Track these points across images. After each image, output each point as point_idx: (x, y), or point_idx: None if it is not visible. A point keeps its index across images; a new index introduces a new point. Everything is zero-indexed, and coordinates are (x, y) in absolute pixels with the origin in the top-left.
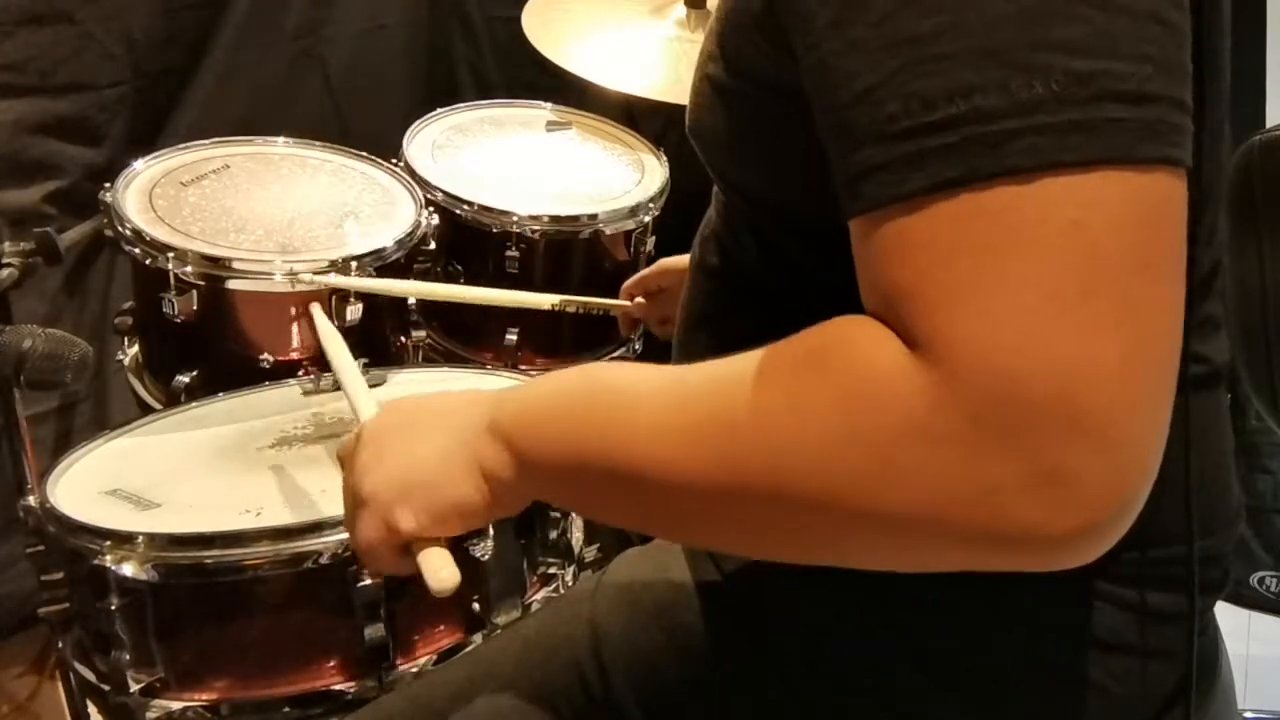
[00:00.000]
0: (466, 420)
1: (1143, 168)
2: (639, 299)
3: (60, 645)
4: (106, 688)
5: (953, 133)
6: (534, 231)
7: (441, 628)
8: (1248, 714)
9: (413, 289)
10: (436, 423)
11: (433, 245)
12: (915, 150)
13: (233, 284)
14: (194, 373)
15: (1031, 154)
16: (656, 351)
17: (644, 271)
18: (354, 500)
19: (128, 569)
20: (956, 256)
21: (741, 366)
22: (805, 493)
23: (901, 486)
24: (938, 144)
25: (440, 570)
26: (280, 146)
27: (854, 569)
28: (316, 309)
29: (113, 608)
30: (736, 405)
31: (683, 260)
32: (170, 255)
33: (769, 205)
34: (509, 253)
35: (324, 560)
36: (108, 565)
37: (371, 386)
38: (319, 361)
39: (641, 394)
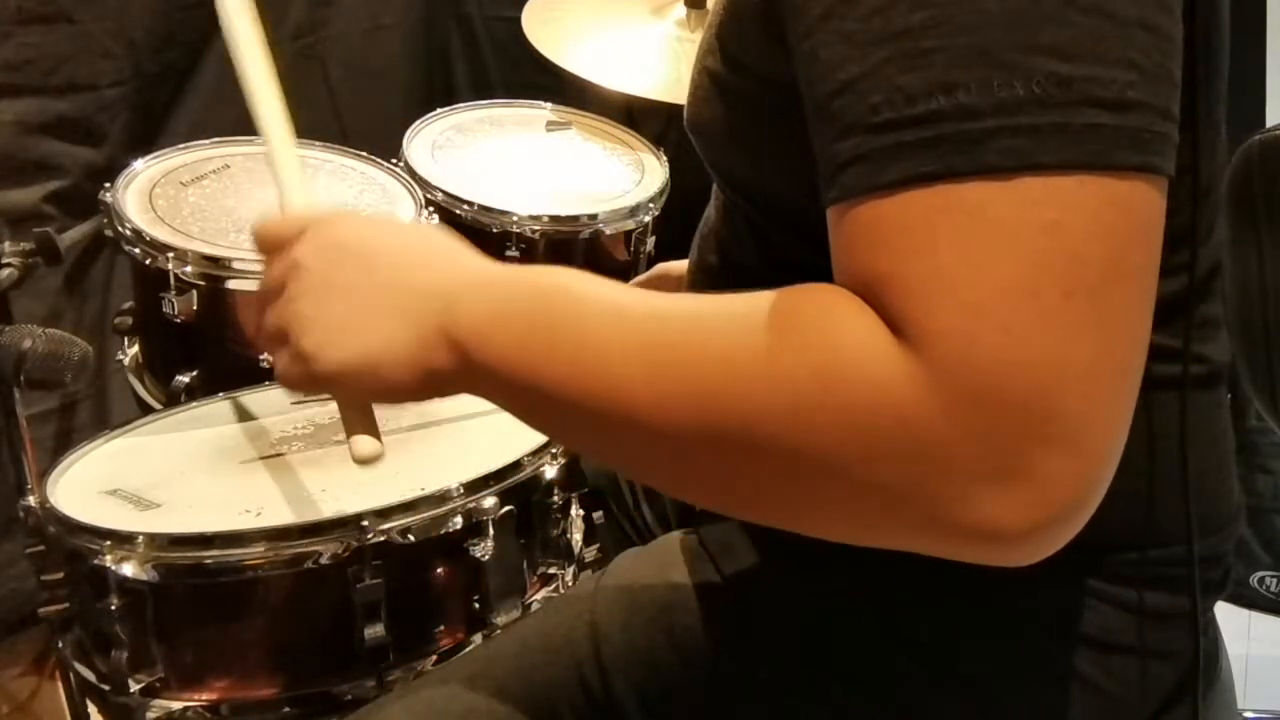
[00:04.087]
0: (421, 310)
1: (1121, 174)
2: None
3: (60, 645)
4: (106, 688)
5: (932, 128)
6: (534, 231)
7: (441, 628)
8: (1248, 714)
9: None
10: (389, 298)
11: None
12: (894, 143)
13: (233, 284)
14: (194, 373)
15: (1010, 154)
16: None
17: (639, 279)
18: (280, 332)
19: (128, 569)
20: (935, 246)
21: (721, 311)
22: (768, 454)
23: (867, 463)
24: (916, 138)
25: (361, 439)
26: None
27: (853, 569)
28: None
29: (113, 608)
30: (711, 353)
31: (680, 265)
32: (170, 255)
33: (767, 201)
34: (509, 253)
35: (324, 560)
36: (108, 565)
37: None
38: None
39: (609, 317)
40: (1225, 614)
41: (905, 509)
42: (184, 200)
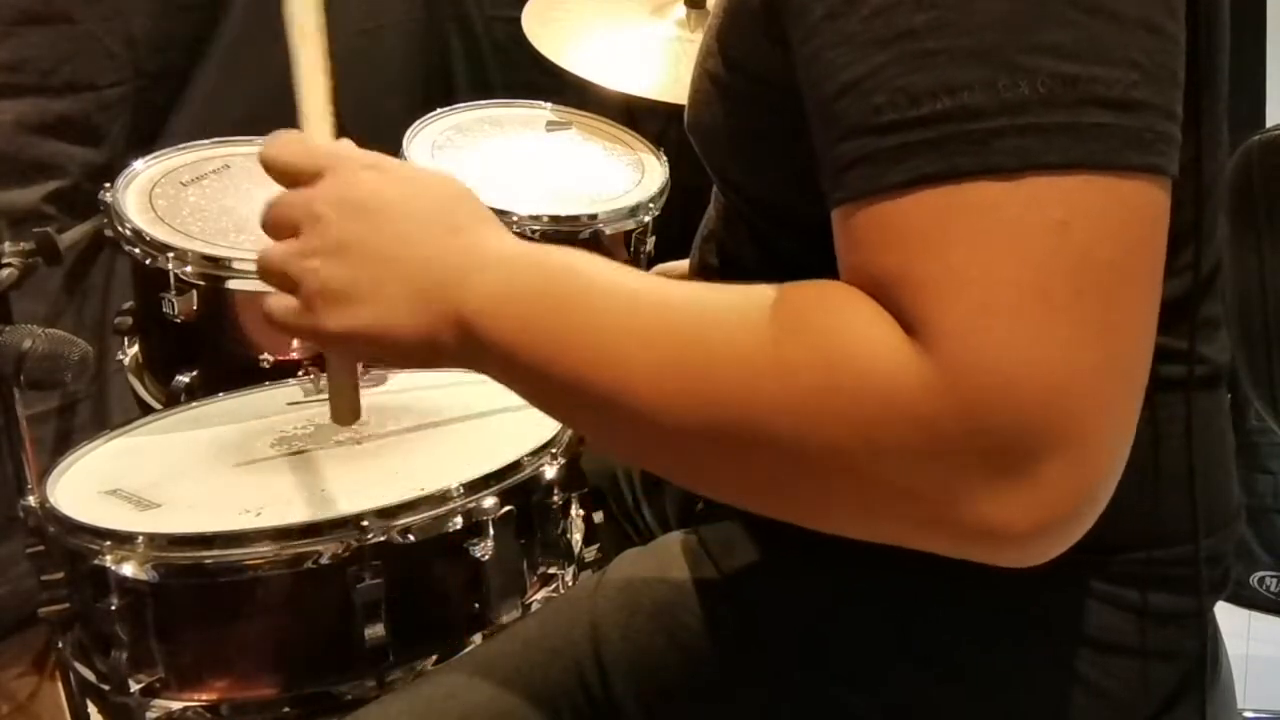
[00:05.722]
0: (432, 284)
1: (1125, 174)
2: None
3: (60, 645)
4: (106, 688)
5: (937, 128)
6: (534, 231)
7: (441, 628)
8: (1248, 714)
9: None
10: (403, 268)
11: None
12: (899, 144)
13: (233, 284)
14: (194, 373)
15: (1015, 154)
16: None
17: None
18: (288, 279)
19: (128, 569)
20: (947, 245)
21: (726, 301)
22: (771, 446)
23: (874, 458)
24: (921, 139)
25: (344, 402)
26: None
27: (854, 569)
28: None
29: (113, 608)
30: (717, 346)
31: (678, 266)
32: (170, 255)
33: (767, 203)
34: None
35: (324, 560)
36: (108, 565)
37: (371, 387)
38: (319, 361)
39: (614, 300)
40: (1225, 614)
41: (912, 505)
42: (184, 200)
